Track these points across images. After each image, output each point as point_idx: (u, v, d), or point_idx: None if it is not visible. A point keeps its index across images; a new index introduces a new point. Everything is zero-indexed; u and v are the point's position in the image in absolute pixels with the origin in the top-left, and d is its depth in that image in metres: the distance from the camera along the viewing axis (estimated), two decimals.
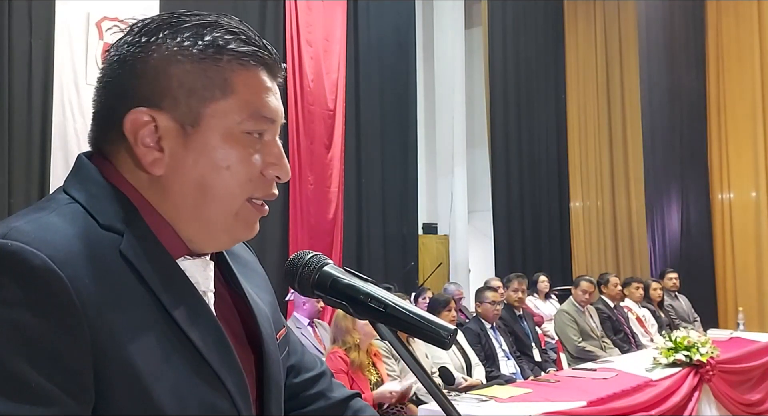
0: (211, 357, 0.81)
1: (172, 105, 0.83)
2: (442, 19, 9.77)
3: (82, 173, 0.84)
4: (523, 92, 10.05)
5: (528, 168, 9.99)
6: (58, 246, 0.73)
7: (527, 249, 9.81)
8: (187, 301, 0.81)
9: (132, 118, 0.82)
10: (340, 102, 7.70)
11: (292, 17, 7.19)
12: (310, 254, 0.90)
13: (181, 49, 0.83)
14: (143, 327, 0.76)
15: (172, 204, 0.84)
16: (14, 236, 0.71)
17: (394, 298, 0.85)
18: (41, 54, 5.28)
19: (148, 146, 0.82)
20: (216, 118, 0.83)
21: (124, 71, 0.83)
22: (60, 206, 0.79)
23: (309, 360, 1.11)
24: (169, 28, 0.84)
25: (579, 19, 10.83)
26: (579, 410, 3.61)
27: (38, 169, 5.21)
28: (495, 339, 5.19)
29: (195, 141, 0.83)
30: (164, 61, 0.83)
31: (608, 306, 6.34)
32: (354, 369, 3.87)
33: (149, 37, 0.83)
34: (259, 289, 0.98)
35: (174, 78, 0.82)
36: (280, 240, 6.94)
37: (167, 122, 0.83)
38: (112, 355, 0.72)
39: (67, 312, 0.70)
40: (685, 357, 4.63)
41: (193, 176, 0.83)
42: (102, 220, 0.79)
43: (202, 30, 0.84)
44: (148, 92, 0.83)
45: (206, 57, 0.83)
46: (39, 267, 0.70)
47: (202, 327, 0.81)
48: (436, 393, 0.84)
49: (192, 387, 0.78)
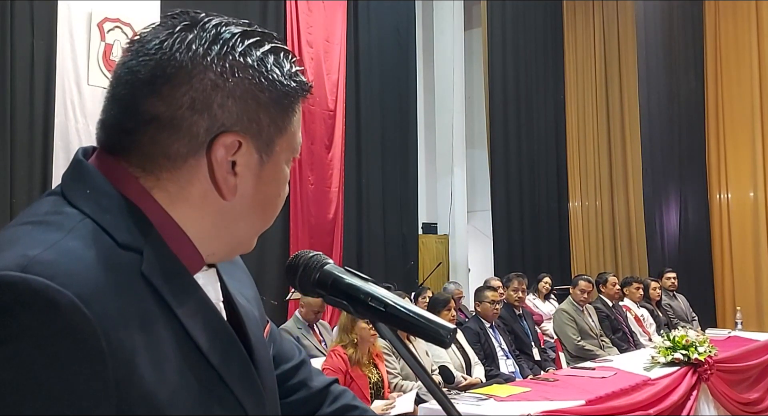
0: (231, 380, 0.79)
1: (257, 133, 0.80)
2: (442, 19, 9.79)
3: (88, 181, 0.78)
4: (523, 93, 10.07)
5: (527, 168, 10.01)
6: (82, 280, 0.67)
7: (526, 248, 9.83)
8: (207, 321, 0.80)
9: (226, 141, 0.77)
10: (341, 102, 7.72)
11: (292, 18, 7.21)
12: (311, 253, 0.90)
13: (266, 73, 0.80)
14: (168, 358, 0.73)
15: (215, 224, 0.81)
16: (36, 270, 0.65)
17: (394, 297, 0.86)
18: (43, 54, 5.30)
19: (230, 172, 0.79)
20: (282, 150, 0.84)
21: (194, 80, 0.76)
22: (74, 224, 0.73)
23: (288, 349, 1.10)
24: (252, 46, 0.79)
25: (578, 20, 10.86)
26: (578, 409, 3.61)
27: (40, 170, 5.23)
28: (494, 338, 5.21)
29: (266, 170, 0.82)
30: (253, 85, 0.79)
31: (607, 305, 6.36)
32: (352, 367, 3.91)
33: (225, 49, 0.78)
34: (242, 285, 0.96)
35: (261, 104, 0.80)
36: (281, 240, 6.96)
37: (250, 150, 0.80)
38: (133, 393, 0.69)
39: (94, 359, 0.66)
40: (684, 356, 4.64)
41: (257, 203, 0.83)
42: (120, 239, 0.74)
43: (277, 54, 0.82)
44: (235, 114, 0.78)
45: (285, 87, 0.82)
46: (66, 308, 0.64)
47: (224, 349, 0.80)
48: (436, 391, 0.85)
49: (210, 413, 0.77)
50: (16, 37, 5.14)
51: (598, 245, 10.55)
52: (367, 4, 8.25)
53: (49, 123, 5.30)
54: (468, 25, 10.25)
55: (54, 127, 5.32)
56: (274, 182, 0.84)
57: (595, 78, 10.70)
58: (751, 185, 9.41)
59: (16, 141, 5.12)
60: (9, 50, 5.09)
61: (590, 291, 6.07)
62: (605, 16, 10.66)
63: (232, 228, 0.83)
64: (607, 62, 10.63)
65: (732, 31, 9.61)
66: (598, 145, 10.63)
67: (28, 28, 5.21)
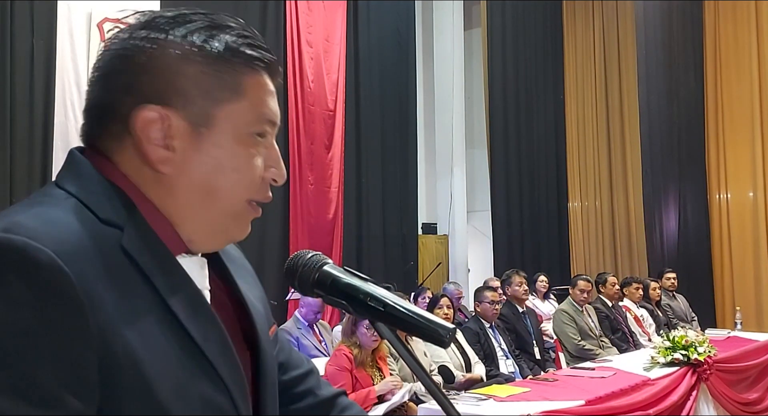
0: (211, 353, 0.80)
1: (185, 104, 0.82)
2: (442, 20, 9.79)
3: (77, 168, 0.82)
4: (522, 93, 10.07)
5: (527, 168, 10.00)
6: (63, 240, 0.71)
7: (526, 249, 9.83)
8: (187, 298, 0.81)
9: (143, 115, 0.81)
10: (340, 102, 7.72)
11: (292, 18, 7.21)
12: (310, 253, 0.90)
13: (195, 48, 0.82)
14: (145, 324, 0.75)
15: (177, 203, 0.84)
16: (17, 231, 0.69)
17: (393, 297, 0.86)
18: (43, 54, 5.30)
19: (158, 144, 0.82)
20: (228, 120, 0.84)
21: (128, 65, 0.82)
22: (59, 201, 0.78)
23: (296, 358, 1.11)
24: (179, 25, 0.83)
25: (577, 21, 10.85)
26: (577, 409, 3.61)
27: (40, 169, 5.23)
28: (494, 338, 5.21)
29: (206, 142, 0.83)
30: (177, 59, 0.82)
31: (606, 305, 6.36)
32: (357, 367, 3.92)
33: (159, 33, 0.82)
34: (249, 286, 0.98)
35: (188, 77, 0.82)
36: (280, 240, 6.96)
37: (179, 121, 0.82)
38: (116, 351, 0.71)
39: (74, 311, 0.69)
40: (683, 356, 4.64)
41: (202, 176, 0.83)
42: (101, 215, 0.78)
43: (213, 30, 0.84)
44: (159, 89, 0.81)
45: (221, 58, 0.83)
46: (44, 263, 0.68)
47: (202, 323, 0.81)
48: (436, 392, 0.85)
49: (194, 384, 0.78)
50: (16, 37, 5.14)
51: (597, 245, 10.55)
52: (366, 4, 8.25)
53: (49, 123, 5.31)
54: (468, 25, 10.25)
55: (54, 126, 5.32)
56: (222, 152, 0.84)
57: (595, 78, 10.70)
58: (750, 185, 9.40)
59: (16, 140, 5.12)
60: (9, 50, 5.09)
61: (589, 291, 6.07)
62: (605, 16, 10.66)
63: (197, 208, 0.85)
64: (606, 62, 10.63)
65: (732, 32, 9.61)
66: (597, 145, 10.63)
67: (28, 28, 5.21)
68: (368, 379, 3.95)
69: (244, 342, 0.92)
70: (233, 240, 0.91)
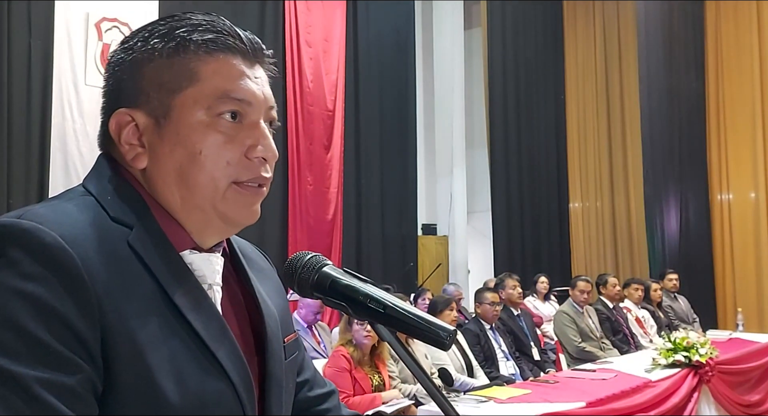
0: (214, 345, 0.82)
1: (146, 101, 0.87)
2: (442, 19, 9.78)
3: (98, 170, 0.89)
4: (523, 93, 10.06)
5: (527, 169, 9.99)
6: (69, 228, 0.77)
7: (526, 250, 9.82)
8: (189, 291, 0.84)
9: (114, 119, 0.88)
10: (340, 102, 7.70)
11: (291, 18, 7.20)
12: (309, 255, 0.90)
13: (153, 49, 0.87)
14: (148, 312, 0.78)
15: (162, 195, 0.88)
16: (28, 216, 0.76)
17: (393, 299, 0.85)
18: (40, 54, 5.28)
19: (131, 143, 0.87)
20: (184, 107, 0.86)
21: (110, 76, 0.90)
22: (75, 197, 0.85)
23: (320, 379, 1.15)
24: (148, 32, 0.89)
25: (578, 20, 10.85)
26: (578, 411, 3.60)
27: (37, 170, 5.21)
28: (494, 340, 5.18)
29: (168, 132, 0.86)
30: (140, 63, 0.88)
31: (607, 306, 6.33)
32: (356, 367, 3.91)
33: (130, 43, 0.89)
34: (270, 293, 1.00)
35: (145, 76, 0.87)
36: (280, 241, 6.94)
37: (143, 118, 0.87)
38: (118, 333, 0.75)
39: (78, 287, 0.73)
40: (685, 357, 4.63)
41: (172, 165, 0.86)
42: (112, 213, 0.83)
43: (174, 31, 0.88)
44: (129, 94, 0.88)
45: (173, 52, 0.87)
46: (51, 243, 0.74)
47: (204, 316, 0.84)
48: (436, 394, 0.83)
49: (194, 371, 0.80)
50: (13, 37, 5.12)
51: (598, 246, 10.54)
52: (366, 4, 8.23)
53: (47, 123, 5.28)
54: (468, 24, 10.24)
55: (51, 127, 5.30)
56: (183, 138, 0.86)
57: (596, 78, 10.68)
58: (752, 185, 9.39)
59: (13, 141, 5.11)
60: (6, 50, 5.08)
61: (589, 292, 6.05)
62: (605, 15, 10.65)
63: (179, 198, 0.87)
64: (607, 62, 10.62)
65: (733, 31, 9.60)
66: (598, 145, 10.62)
67: (26, 28, 5.20)
68: (367, 380, 3.94)
69: (255, 342, 0.94)
70: (237, 223, 0.91)
